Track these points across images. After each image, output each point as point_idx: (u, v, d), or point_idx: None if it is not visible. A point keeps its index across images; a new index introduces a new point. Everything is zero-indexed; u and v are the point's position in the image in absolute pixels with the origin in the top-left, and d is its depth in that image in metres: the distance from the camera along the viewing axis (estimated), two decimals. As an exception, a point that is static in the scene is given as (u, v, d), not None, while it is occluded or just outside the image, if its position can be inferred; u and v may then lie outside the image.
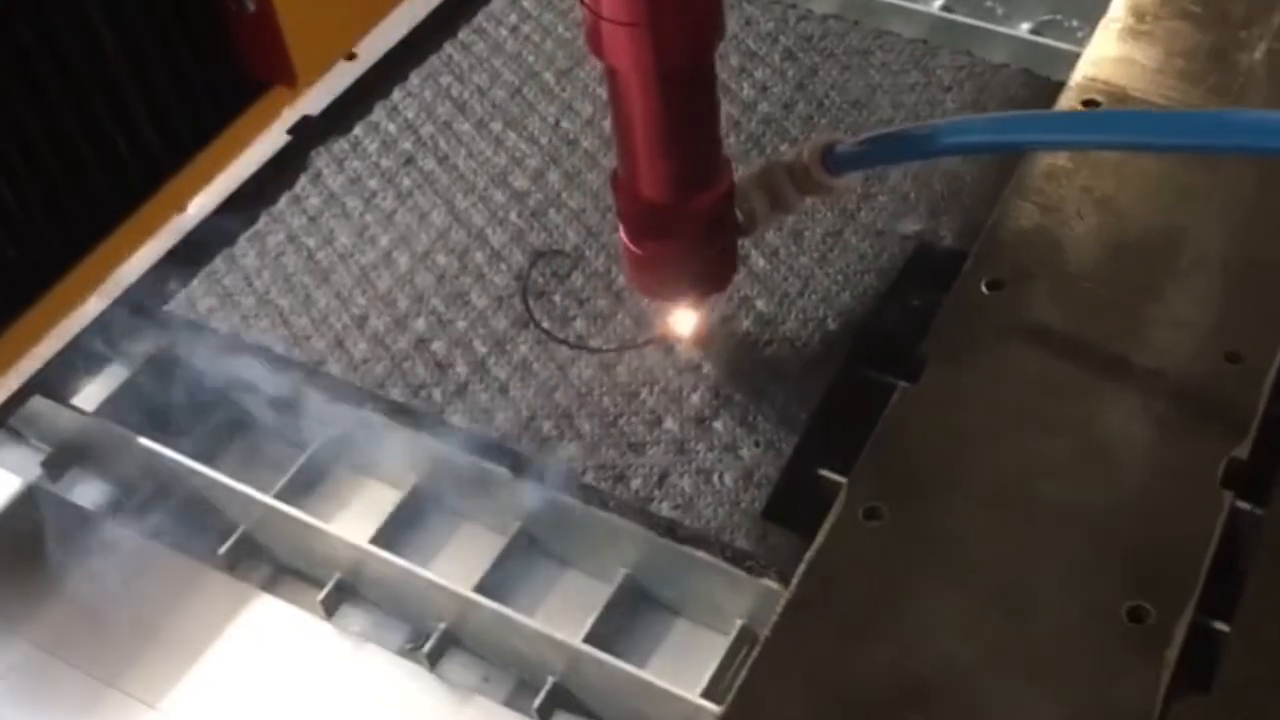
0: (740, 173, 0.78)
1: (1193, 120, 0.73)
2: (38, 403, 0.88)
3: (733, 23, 1.06)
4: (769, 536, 0.77)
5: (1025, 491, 0.73)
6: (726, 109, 0.98)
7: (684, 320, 0.84)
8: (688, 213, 0.74)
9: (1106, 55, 0.95)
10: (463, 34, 1.09)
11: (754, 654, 0.69)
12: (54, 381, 0.89)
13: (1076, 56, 0.97)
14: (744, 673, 0.69)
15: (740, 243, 0.80)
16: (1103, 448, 0.74)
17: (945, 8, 1.14)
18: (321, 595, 0.82)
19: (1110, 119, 0.78)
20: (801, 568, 0.71)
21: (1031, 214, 0.87)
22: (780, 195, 0.78)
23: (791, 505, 0.78)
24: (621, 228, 0.77)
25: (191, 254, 0.94)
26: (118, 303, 0.90)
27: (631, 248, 0.77)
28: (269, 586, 0.85)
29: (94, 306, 0.89)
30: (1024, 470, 0.74)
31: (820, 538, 0.72)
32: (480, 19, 1.10)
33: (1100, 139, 0.77)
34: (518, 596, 0.81)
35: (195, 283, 0.92)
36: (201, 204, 0.95)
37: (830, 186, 0.78)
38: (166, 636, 0.82)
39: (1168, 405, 0.76)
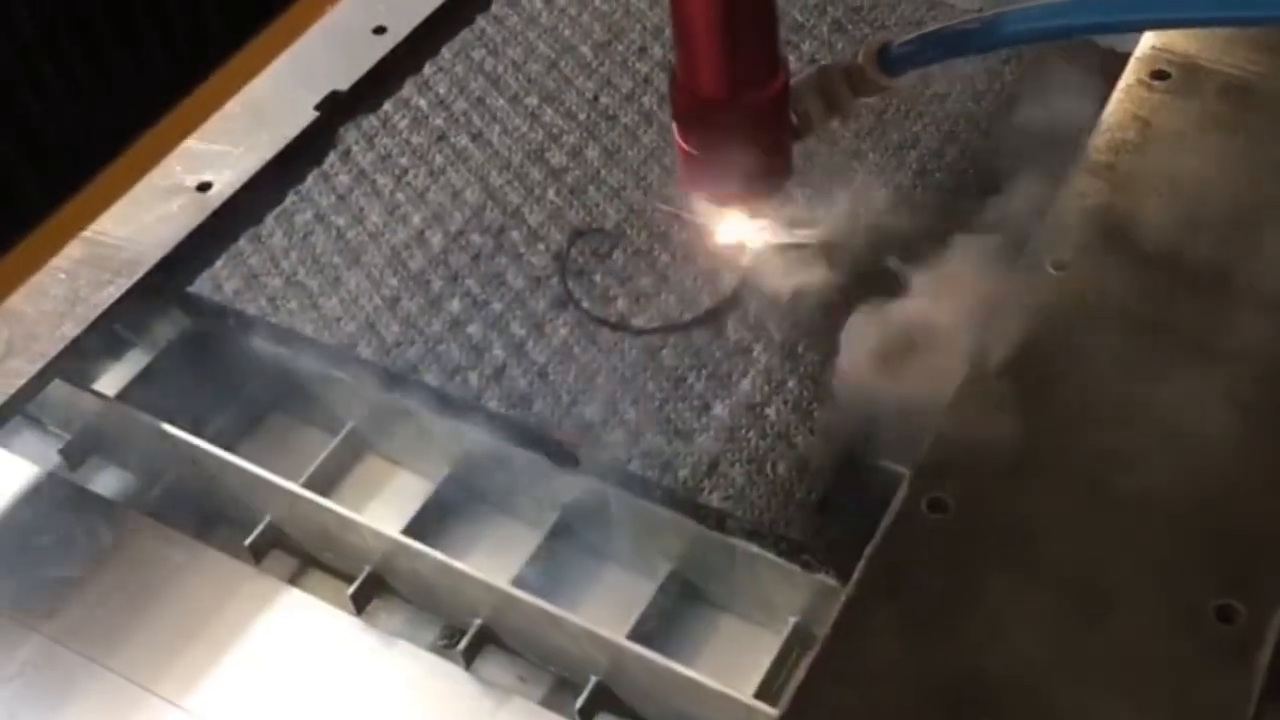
0: (796, 77, 0.76)
1: None
2: (57, 387, 0.84)
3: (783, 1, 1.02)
4: (825, 529, 0.72)
5: (1100, 482, 0.69)
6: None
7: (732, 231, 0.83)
8: (742, 108, 0.73)
9: (1175, 25, 0.90)
10: (495, 7, 1.06)
11: (812, 653, 0.65)
12: (72, 366, 0.86)
13: (1142, 27, 0.92)
14: (801, 673, 0.65)
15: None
16: (1184, 435, 0.70)
17: (997, -20, 1.09)
18: (352, 589, 0.78)
19: None
20: (862, 563, 0.67)
21: (1098, 190, 0.82)
22: (835, 97, 0.76)
23: (849, 496, 0.73)
24: (675, 126, 0.76)
25: (216, 233, 0.90)
26: (140, 284, 0.86)
27: (685, 146, 0.76)
28: (296, 580, 0.81)
29: (115, 289, 0.86)
30: (1098, 459, 0.69)
31: (882, 531, 0.68)
32: (514, -10, 1.07)
33: (1168, 15, 0.73)
34: (557, 591, 0.77)
35: (220, 263, 0.88)
36: (227, 181, 0.92)
37: (886, 87, 0.76)
38: (190, 631, 0.78)
39: (1253, 390, 0.71)
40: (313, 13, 1.06)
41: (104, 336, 0.87)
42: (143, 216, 0.90)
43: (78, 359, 0.85)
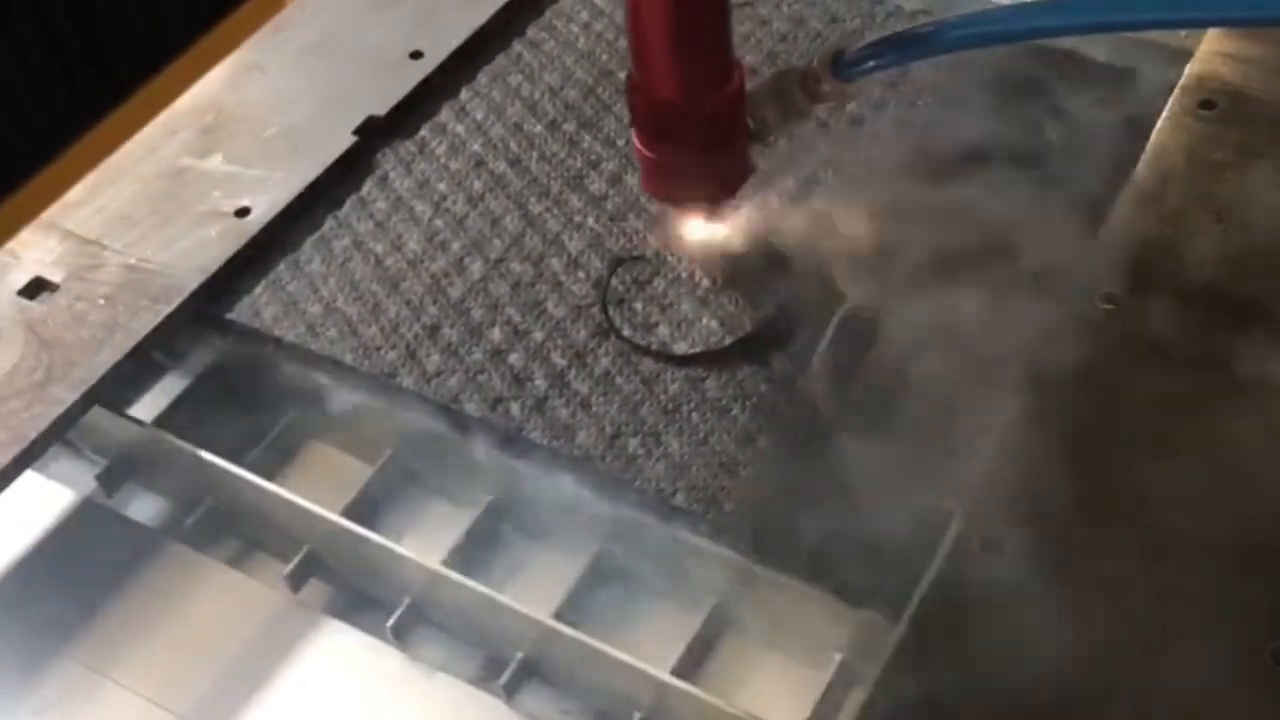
0: (754, 82, 0.78)
1: None
2: (95, 414, 0.84)
3: (817, 20, 1.02)
4: (874, 565, 0.71)
5: (1154, 520, 0.68)
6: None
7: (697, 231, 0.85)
8: (697, 112, 0.75)
9: (1221, 51, 0.90)
10: (531, 32, 1.05)
11: (868, 693, 0.64)
12: (111, 393, 0.85)
13: (1187, 54, 0.91)
14: (851, 712, 0.64)
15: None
16: (1237, 472, 0.69)
17: (1038, 5, 1.08)
18: (391, 621, 0.78)
19: None
20: (915, 601, 0.66)
21: (1146, 222, 0.81)
22: (791, 103, 0.78)
23: (898, 532, 0.72)
24: (634, 130, 0.78)
25: (254, 259, 0.90)
26: (178, 310, 0.86)
27: (643, 150, 0.78)
28: (334, 610, 0.81)
29: (154, 315, 0.85)
30: (1152, 497, 0.69)
31: (935, 569, 0.67)
32: (550, 16, 1.06)
33: (1120, 18, 0.71)
34: (599, 625, 0.76)
35: (259, 289, 0.88)
36: (265, 206, 0.92)
37: (841, 93, 0.78)
38: (228, 661, 0.78)
39: (1308, 428, 0.70)
40: (270, 9, 1.07)
41: (142, 363, 0.87)
42: (181, 242, 0.90)
43: (116, 385, 0.84)
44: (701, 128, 0.76)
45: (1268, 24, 0.84)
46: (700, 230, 0.86)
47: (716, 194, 0.82)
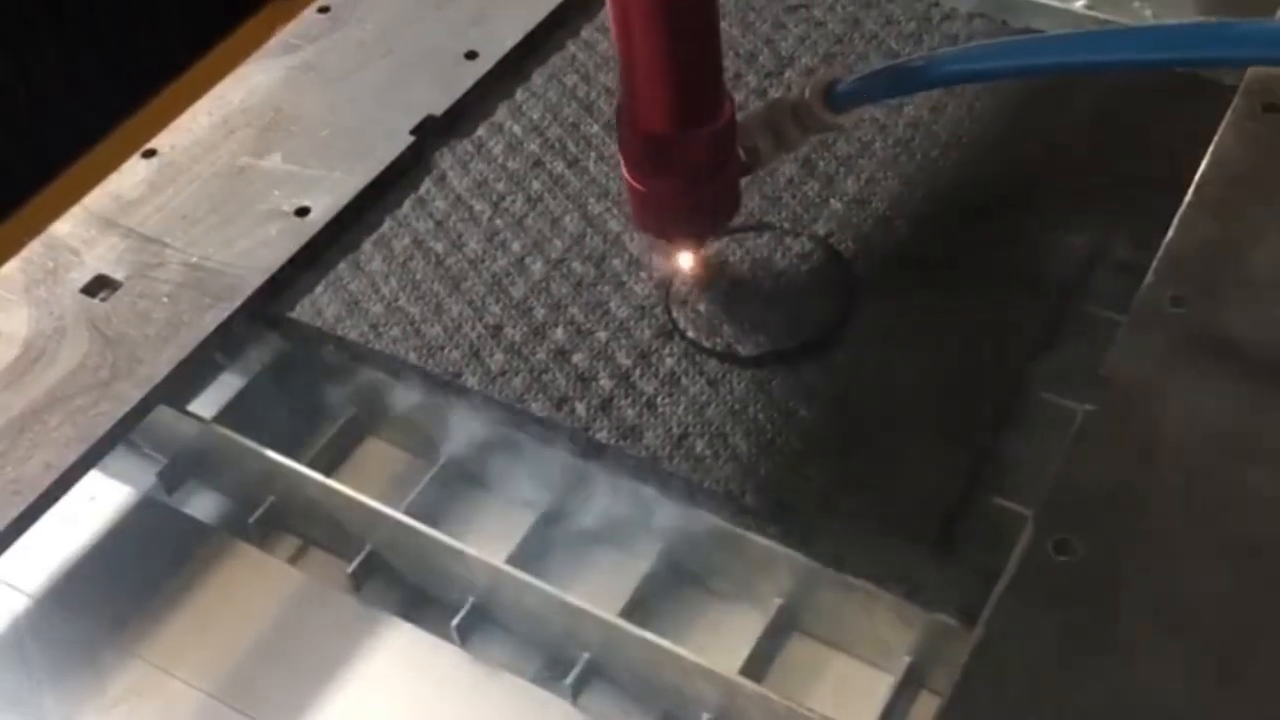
0: (745, 112, 0.78)
1: (1217, 31, 0.68)
2: (159, 412, 0.84)
3: (873, 22, 1.02)
4: (944, 568, 0.71)
5: (1238, 528, 0.67)
6: (872, 113, 0.93)
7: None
8: (688, 144, 0.74)
9: (1284, 56, 0.89)
10: (586, 32, 1.05)
11: (944, 700, 0.64)
12: (174, 391, 0.85)
13: (1247, 58, 0.91)
14: (928, 716, 0.64)
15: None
16: (1315, 480, 0.69)
17: (1089, 5, 1.08)
18: (456, 620, 0.78)
19: (1121, 37, 0.73)
20: (991, 604, 0.66)
21: (1212, 224, 0.81)
22: (783, 133, 0.78)
23: (968, 535, 0.72)
24: (623, 162, 0.78)
25: (314, 259, 0.90)
26: (241, 309, 0.86)
27: (632, 183, 0.77)
28: (397, 609, 0.81)
29: (217, 313, 0.86)
30: (1233, 503, 0.68)
31: (1009, 573, 0.67)
32: (603, 17, 1.06)
33: (1112, 58, 0.73)
34: (663, 625, 0.76)
35: (320, 289, 0.88)
36: (325, 205, 0.92)
37: (833, 124, 0.78)
38: (290, 660, 0.78)
39: (1384, 433, 0.70)
40: (275, 22, 1.08)
41: (206, 361, 0.87)
42: (242, 241, 0.90)
43: (179, 383, 0.85)
44: (692, 159, 0.75)
45: (1256, 64, 0.84)
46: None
47: (707, 227, 0.82)
